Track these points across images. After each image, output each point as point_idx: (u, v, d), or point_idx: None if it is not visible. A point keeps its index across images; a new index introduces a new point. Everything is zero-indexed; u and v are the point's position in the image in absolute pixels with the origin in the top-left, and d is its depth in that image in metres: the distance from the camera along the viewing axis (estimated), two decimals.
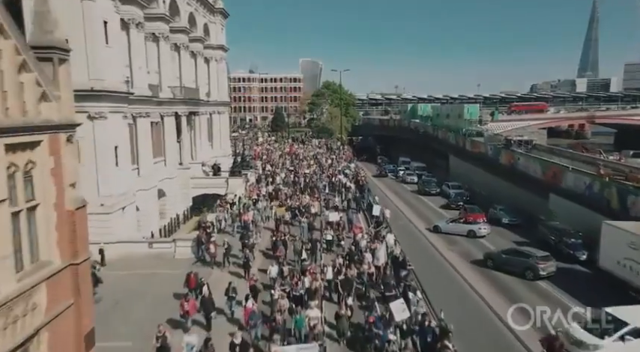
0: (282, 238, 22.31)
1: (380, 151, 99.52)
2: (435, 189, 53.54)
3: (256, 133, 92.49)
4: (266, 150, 61.93)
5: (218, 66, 54.55)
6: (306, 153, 56.65)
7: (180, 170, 40.51)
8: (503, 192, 44.69)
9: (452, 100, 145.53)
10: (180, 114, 40.65)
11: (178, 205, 39.67)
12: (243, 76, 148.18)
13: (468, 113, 71.20)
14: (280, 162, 49.93)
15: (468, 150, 56.58)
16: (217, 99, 54.43)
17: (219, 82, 55.24)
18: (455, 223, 36.56)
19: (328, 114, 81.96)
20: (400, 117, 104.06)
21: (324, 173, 42.37)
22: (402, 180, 65.58)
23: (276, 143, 68.49)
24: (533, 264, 26.18)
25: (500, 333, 19.71)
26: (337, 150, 65.65)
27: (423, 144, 78.04)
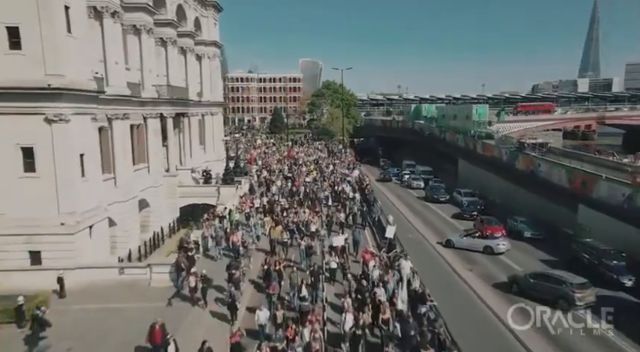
0: (276, 268, 18.09)
1: (382, 153, 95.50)
2: (444, 196, 49.37)
3: (254, 135, 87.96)
4: (264, 153, 57.67)
5: (211, 63, 50.35)
6: (307, 158, 52.37)
7: (166, 177, 36.30)
8: (522, 200, 40.54)
9: (455, 101, 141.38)
10: (165, 115, 36.45)
11: (164, 217, 35.47)
12: (241, 75, 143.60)
13: (476, 114, 67.00)
14: (277, 168, 45.65)
15: (480, 153, 52.40)
16: (210, 100, 50.22)
17: (213, 81, 51.05)
18: (470, 237, 32.36)
19: (329, 115, 77.61)
20: (403, 118, 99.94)
21: (325, 181, 38.16)
22: (407, 185, 61.43)
23: (273, 146, 64.20)
24: (567, 293, 21.93)
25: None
26: (339, 153, 61.30)
27: (428, 146, 73.88)
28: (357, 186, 38.90)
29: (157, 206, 34.82)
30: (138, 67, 33.91)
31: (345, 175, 38.07)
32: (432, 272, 26.25)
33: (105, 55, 28.25)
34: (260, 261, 21.83)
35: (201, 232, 26.16)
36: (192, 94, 44.75)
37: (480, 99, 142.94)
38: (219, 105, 53.92)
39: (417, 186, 59.23)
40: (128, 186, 29.97)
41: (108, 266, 22.23)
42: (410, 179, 61.07)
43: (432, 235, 36.82)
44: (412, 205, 49.64)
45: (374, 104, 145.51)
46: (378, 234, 27.59)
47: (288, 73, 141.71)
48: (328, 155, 58.71)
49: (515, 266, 29.05)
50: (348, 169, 46.64)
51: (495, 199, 45.74)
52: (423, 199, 51.98)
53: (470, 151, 55.69)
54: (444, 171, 65.29)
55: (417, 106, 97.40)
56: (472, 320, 21.05)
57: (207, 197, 36.50)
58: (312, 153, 57.36)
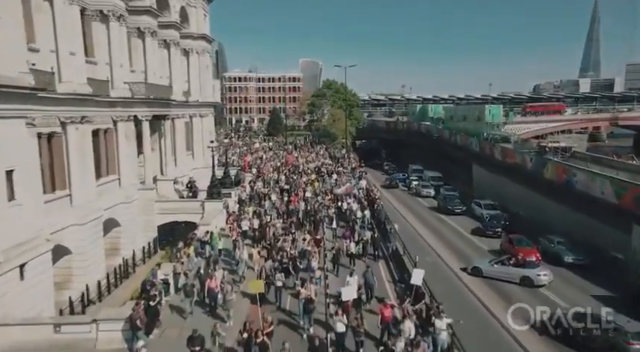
0: (258, 339, 12.36)
1: (385, 156, 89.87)
2: (459, 207, 43.62)
3: (251, 137, 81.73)
4: (260, 159, 51.79)
5: (200, 60, 44.60)
6: (307, 165, 46.45)
7: (142, 191, 30.56)
8: (553, 215, 34.81)
9: (458, 101, 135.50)
10: (141, 118, 30.68)
11: (138, 238, 29.76)
12: (239, 75, 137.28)
13: (489, 115, 61.44)
14: (273, 178, 39.73)
15: (498, 159, 46.69)
16: (199, 100, 44.51)
17: (202, 79, 45.29)
18: (502, 265, 26.47)
19: (330, 116, 71.82)
20: (408, 119, 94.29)
21: (327, 195, 32.33)
22: (415, 192, 55.74)
23: (270, 151, 58.28)
24: (620, 343, 16.73)
25: None
26: (342, 159, 55.31)
27: (436, 150, 68.24)
28: (364, 198, 33.09)
29: (130, 225, 29.09)
30: (106, 60, 28.19)
31: (346, 194, 32.08)
32: (461, 313, 20.51)
33: (56, 44, 22.52)
34: (241, 317, 16.14)
35: (172, 267, 20.44)
36: (178, 94, 39.08)
37: (485, 99, 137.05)
38: (210, 106, 48.17)
39: (426, 194, 53.56)
40: (88, 205, 24.24)
41: (37, 322, 16.43)
42: (419, 186, 55.41)
43: (453, 258, 31.08)
44: (423, 217, 43.93)
45: (375, 104, 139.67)
46: (395, 271, 21.83)
47: (287, 72, 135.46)
48: (331, 161, 52.85)
49: (559, 301, 23.37)
50: (353, 178, 40.79)
51: (519, 212, 39.95)
52: (435, 210, 46.27)
53: (486, 156, 49.99)
54: (455, 178, 59.59)
55: (423, 107, 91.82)
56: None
57: (190, 213, 30.79)
58: (314, 159, 51.30)
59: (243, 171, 45.79)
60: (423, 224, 41.37)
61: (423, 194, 53.58)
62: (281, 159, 52.23)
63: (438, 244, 34.66)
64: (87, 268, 23.59)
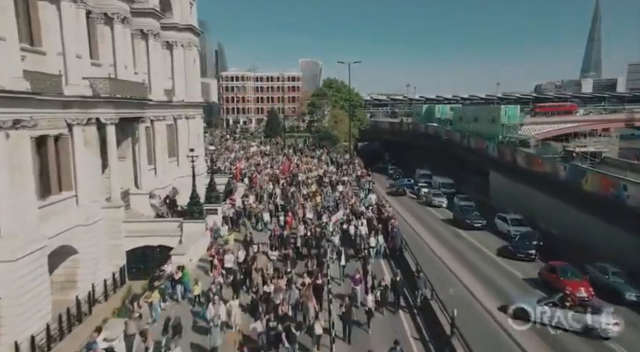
0: None
1: (389, 159, 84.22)
2: (479, 221, 37.96)
3: (247, 139, 75.65)
4: (255, 166, 45.91)
5: (186, 54, 38.91)
6: (307, 173, 40.56)
7: (107, 210, 24.87)
8: (596, 234, 29.01)
9: (462, 101, 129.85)
10: (105, 121, 24.92)
11: (101, 266, 24.09)
12: (236, 74, 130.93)
13: (505, 116, 55.69)
14: (267, 190, 33.86)
15: (522, 166, 40.95)
16: (185, 100, 38.85)
17: (189, 77, 39.60)
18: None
19: (332, 117, 66.06)
20: (412, 119, 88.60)
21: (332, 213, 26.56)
22: (426, 201, 50.07)
23: (266, 156, 52.28)
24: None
25: None
26: (346, 165, 49.32)
27: (445, 153, 62.51)
28: (375, 217, 27.34)
29: (90, 252, 23.40)
30: (58, 50, 22.50)
31: (348, 217, 26.23)
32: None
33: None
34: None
35: (125, 323, 14.81)
36: (157, 92, 33.45)
37: (491, 99, 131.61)
38: (199, 107, 42.43)
39: (438, 203, 47.87)
40: (25, 234, 18.56)
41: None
42: (430, 194, 49.73)
43: (483, 290, 25.20)
44: (438, 232, 38.24)
45: (376, 104, 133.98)
46: (424, 325, 16.13)
47: (286, 71, 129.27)
48: (333, 167, 47.00)
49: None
50: (361, 190, 35.04)
51: (551, 229, 34.24)
52: (450, 223, 40.60)
53: (506, 163, 44.26)
54: (468, 185, 53.95)
55: (430, 107, 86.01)
56: None
57: (165, 236, 25.15)
58: (315, 166, 45.32)
59: (235, 179, 40.20)
60: (439, 240, 35.71)
61: (435, 203, 47.93)
62: (280, 166, 46.46)
63: (460, 269, 28.89)
64: (19, 316, 17.92)
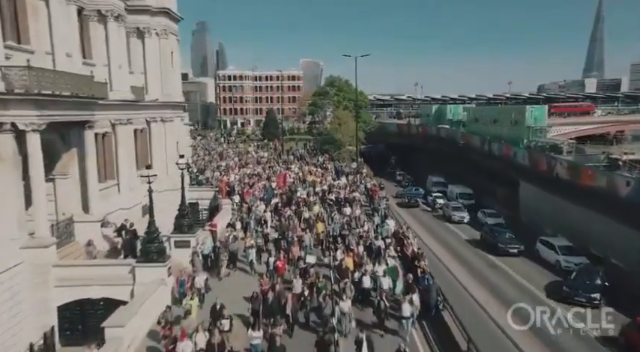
0: None
1: (395, 163, 77.09)
2: (515, 246, 30.84)
3: (244, 142, 67.93)
4: (247, 177, 38.17)
5: (161, 44, 31.80)
6: (309, 188, 32.90)
7: (29, 250, 17.72)
8: None
9: (469, 101, 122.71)
10: (22, 127, 17.66)
11: (21, 328, 17.02)
12: (233, 73, 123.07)
13: (531, 117, 48.50)
14: (254, 215, 26.24)
15: (564, 179, 33.81)
16: (160, 99, 31.77)
17: (165, 71, 32.49)
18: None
19: (335, 118, 58.83)
20: (421, 121, 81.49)
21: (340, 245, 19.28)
22: (443, 215, 43.06)
23: (259, 165, 44.60)
24: None
25: None
26: (353, 175, 41.69)
27: (461, 159, 55.40)
28: (397, 254, 20.15)
29: (3, 311, 16.35)
30: None
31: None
32: None
33: None
34: None
35: None
36: (122, 89, 26.42)
37: (498, 99, 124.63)
38: (178, 107, 35.33)
39: (459, 219, 40.79)
40: None
41: None
42: (448, 208, 42.63)
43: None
44: (466, 259, 31.09)
45: (380, 105, 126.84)
46: None
47: (286, 70, 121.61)
48: (338, 177, 39.65)
49: None
50: (375, 214, 27.74)
51: (611, 259, 27.09)
52: (477, 245, 33.54)
53: (540, 173, 37.13)
54: (490, 196, 46.82)
55: (440, 107, 78.76)
56: None
57: (113, 285, 18.01)
58: (320, 178, 37.68)
59: (221, 195, 33.08)
60: (468, 271, 28.67)
61: (455, 219, 40.85)
62: (277, 174, 39.19)
63: (502, 314, 21.56)
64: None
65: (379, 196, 30.98)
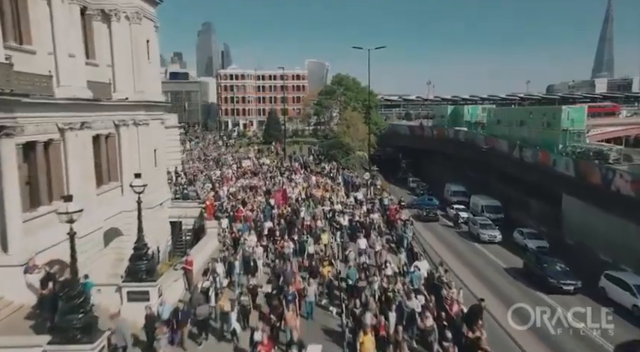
0: None
1: (406, 168, 70.68)
2: (572, 281, 24.29)
3: (242, 146, 61.42)
4: (243, 191, 31.93)
5: (133, 30, 25.61)
6: (317, 208, 26.02)
7: None
8: None
9: (481, 101, 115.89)
10: None
11: None
12: (235, 72, 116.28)
13: (568, 119, 42.01)
14: (241, 254, 19.78)
15: (627, 195, 27.22)
16: (132, 98, 25.59)
17: (139, 64, 26.26)
18: None
19: (342, 120, 52.44)
20: (434, 123, 75.03)
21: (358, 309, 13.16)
22: (470, 233, 36.75)
23: (254, 177, 37.92)
24: None
25: None
26: (366, 188, 34.78)
27: (484, 166, 48.97)
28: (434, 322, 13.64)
29: None
30: None
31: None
32: None
33: None
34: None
35: None
36: (74, 84, 20.25)
37: (512, 99, 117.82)
38: (156, 107, 29.07)
39: (489, 238, 34.43)
40: None
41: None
42: (476, 225, 36.18)
43: None
44: (509, 297, 24.42)
45: (388, 105, 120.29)
46: None
47: (290, 69, 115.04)
48: (347, 190, 33.00)
49: None
50: (402, 248, 21.08)
51: None
52: (517, 277, 27.03)
53: (592, 186, 30.55)
54: (522, 210, 40.35)
55: (456, 108, 72.20)
56: None
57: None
58: (332, 192, 31.19)
59: (208, 216, 26.87)
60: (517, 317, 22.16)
61: (484, 238, 34.50)
62: (273, 188, 32.80)
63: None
64: None
65: (401, 219, 24.41)
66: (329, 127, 75.48)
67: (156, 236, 26.91)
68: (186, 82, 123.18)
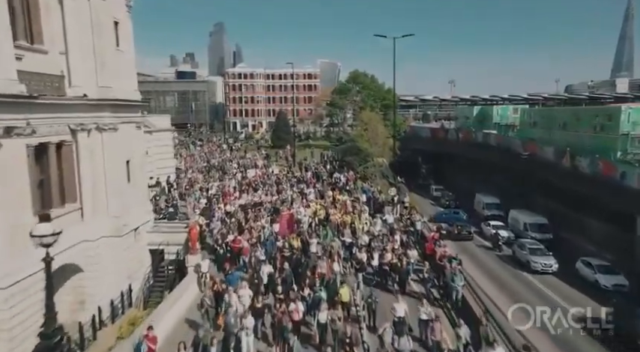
0: None
1: (426, 173, 63.75)
2: None
3: (247, 151, 54.83)
4: (242, 212, 25.11)
5: (94, 8, 19.52)
6: (332, 238, 19.44)
7: None
8: None
9: (502, 101, 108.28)
10: None
11: None
12: (244, 71, 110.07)
13: (628, 122, 35.24)
14: (229, 323, 13.27)
15: None
16: (93, 95, 19.54)
17: (101, 51, 20.16)
18: None
19: (360, 122, 45.85)
20: (457, 124, 68.28)
21: None
22: (514, 258, 30.09)
23: (262, 188, 31.05)
24: None
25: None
26: (392, 206, 27.59)
27: (521, 175, 42.15)
28: None
29: None
30: None
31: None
32: None
33: None
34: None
35: None
36: None
37: (536, 99, 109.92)
38: (133, 108, 22.93)
39: (542, 267, 27.67)
40: None
41: None
42: (524, 249, 29.39)
43: None
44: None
45: (404, 106, 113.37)
46: None
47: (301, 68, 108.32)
48: (373, 210, 25.99)
49: None
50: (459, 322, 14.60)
51: None
52: (600, 335, 20.13)
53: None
54: (575, 230, 33.45)
55: (483, 109, 65.42)
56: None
57: None
58: (348, 217, 22.97)
59: (192, 248, 20.73)
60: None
61: (536, 268, 27.69)
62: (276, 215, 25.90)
63: None
64: None
65: (445, 256, 17.70)
66: (342, 129, 69.01)
67: (127, 271, 20.92)
68: (193, 81, 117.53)
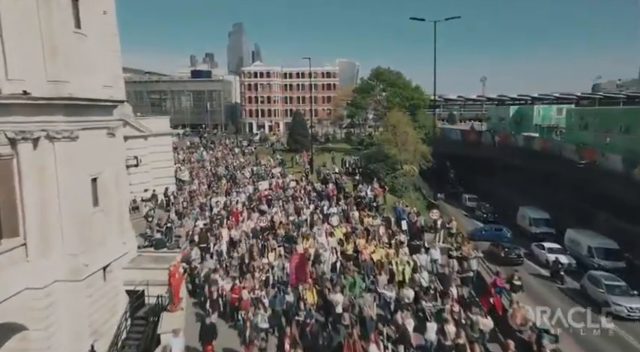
0: None
1: (455, 180, 57.33)
2: None
3: (258, 157, 49.46)
4: (246, 236, 19.76)
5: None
6: (360, 287, 13.59)
7: None
8: None
9: (531, 101, 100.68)
10: None
11: None
12: (260, 69, 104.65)
13: None
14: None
15: None
16: (41, 93, 14.25)
17: (51, 36, 14.84)
18: None
19: (387, 124, 39.97)
20: (490, 126, 61.85)
21: None
22: (586, 295, 23.80)
23: (265, 208, 25.40)
24: None
25: None
26: (433, 232, 21.07)
27: (575, 187, 35.72)
28: None
29: None
30: None
31: None
32: None
33: None
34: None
35: None
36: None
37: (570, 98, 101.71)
38: (107, 109, 17.60)
39: (628, 312, 21.31)
40: None
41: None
42: (599, 285, 23.10)
43: None
44: None
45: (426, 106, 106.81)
46: None
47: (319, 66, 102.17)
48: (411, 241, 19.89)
49: None
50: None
51: None
52: None
53: None
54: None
55: (521, 109, 58.97)
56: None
57: None
58: (382, 253, 16.84)
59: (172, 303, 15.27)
60: None
61: (621, 312, 21.23)
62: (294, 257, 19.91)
63: None
64: None
65: (525, 323, 11.69)
66: (364, 131, 63.14)
67: (92, 326, 15.63)
68: (208, 80, 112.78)
